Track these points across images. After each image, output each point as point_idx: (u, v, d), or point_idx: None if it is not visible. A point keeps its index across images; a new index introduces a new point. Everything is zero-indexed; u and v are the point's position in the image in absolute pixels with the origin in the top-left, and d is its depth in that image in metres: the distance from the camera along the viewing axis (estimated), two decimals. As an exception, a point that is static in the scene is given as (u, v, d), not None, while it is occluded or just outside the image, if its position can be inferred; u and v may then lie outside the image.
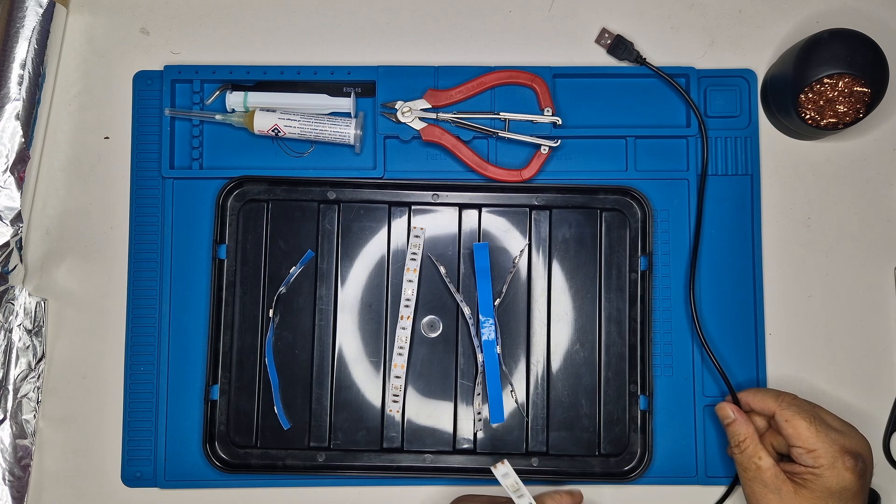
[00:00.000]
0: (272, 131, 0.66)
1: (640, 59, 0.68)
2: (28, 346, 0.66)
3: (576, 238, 0.67)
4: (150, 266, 0.67)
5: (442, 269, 0.66)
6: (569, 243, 0.67)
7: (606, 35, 0.69)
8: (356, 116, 0.67)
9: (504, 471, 0.58)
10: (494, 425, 0.66)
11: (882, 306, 0.68)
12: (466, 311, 0.66)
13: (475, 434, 0.66)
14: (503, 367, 0.66)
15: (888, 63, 0.63)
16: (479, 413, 0.66)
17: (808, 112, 0.65)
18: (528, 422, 0.66)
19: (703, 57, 0.69)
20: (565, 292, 0.67)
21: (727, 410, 0.61)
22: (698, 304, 0.66)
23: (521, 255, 0.66)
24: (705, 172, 0.67)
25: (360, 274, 0.67)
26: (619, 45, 0.68)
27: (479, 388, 0.65)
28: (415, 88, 0.67)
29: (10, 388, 0.65)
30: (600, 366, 0.66)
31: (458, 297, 0.66)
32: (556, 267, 0.67)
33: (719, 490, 0.66)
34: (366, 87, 0.68)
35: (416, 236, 0.67)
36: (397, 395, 0.66)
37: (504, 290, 0.66)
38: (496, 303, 0.66)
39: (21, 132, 0.64)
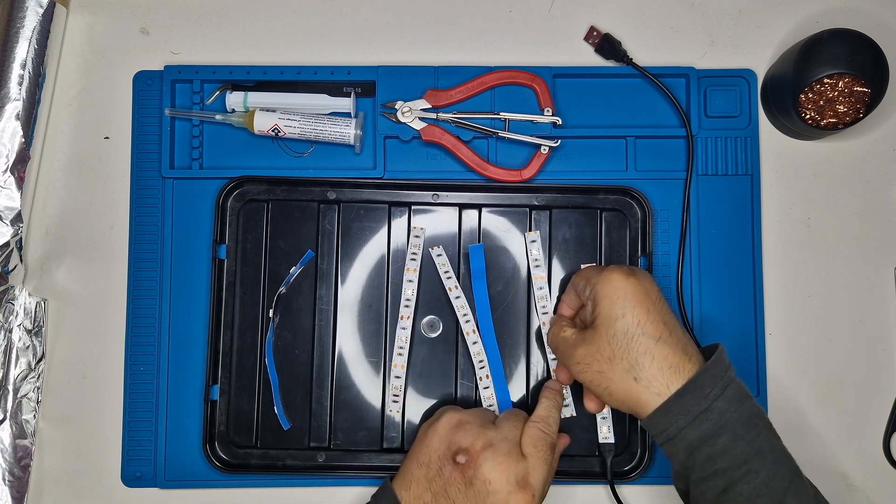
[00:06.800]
0: (272, 131, 0.66)
1: (626, 59, 0.68)
2: (28, 346, 0.66)
3: (576, 238, 0.67)
4: (150, 266, 0.67)
5: (441, 269, 0.66)
6: (569, 243, 0.67)
7: (595, 33, 0.68)
8: (356, 116, 0.67)
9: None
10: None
11: (882, 306, 0.68)
12: (460, 311, 0.65)
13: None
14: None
15: (888, 63, 0.63)
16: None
17: (808, 112, 0.65)
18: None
19: (703, 57, 0.69)
20: (565, 292, 0.67)
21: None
22: (697, 305, 0.67)
23: (530, 246, 0.67)
24: (691, 172, 0.67)
25: (360, 274, 0.67)
26: (605, 44, 0.68)
27: (487, 382, 0.65)
28: (415, 88, 0.67)
29: (10, 388, 0.65)
30: (600, 366, 0.66)
31: (452, 295, 0.66)
32: (556, 267, 0.67)
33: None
34: (366, 87, 0.68)
35: (416, 236, 0.67)
36: (397, 396, 0.66)
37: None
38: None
39: (21, 132, 0.64)
